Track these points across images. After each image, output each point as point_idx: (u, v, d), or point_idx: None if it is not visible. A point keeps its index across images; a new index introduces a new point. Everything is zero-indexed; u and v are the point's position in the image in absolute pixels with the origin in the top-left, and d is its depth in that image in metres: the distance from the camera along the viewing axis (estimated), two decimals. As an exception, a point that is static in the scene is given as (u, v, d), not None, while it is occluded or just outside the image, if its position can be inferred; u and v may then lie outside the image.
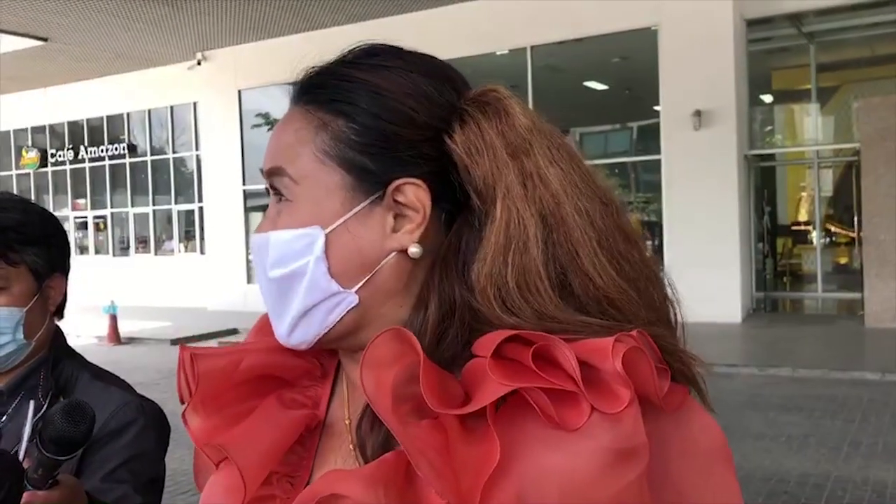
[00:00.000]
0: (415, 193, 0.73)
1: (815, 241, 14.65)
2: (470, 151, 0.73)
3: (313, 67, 0.79)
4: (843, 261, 14.83)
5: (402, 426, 0.62)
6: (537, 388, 0.61)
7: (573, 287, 0.69)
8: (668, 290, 0.75)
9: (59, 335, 1.55)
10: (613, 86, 14.92)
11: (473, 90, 0.78)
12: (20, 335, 1.43)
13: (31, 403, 1.19)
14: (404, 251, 0.73)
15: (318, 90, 0.76)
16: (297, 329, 0.76)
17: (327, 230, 0.73)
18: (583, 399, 0.61)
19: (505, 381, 0.61)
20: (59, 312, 1.54)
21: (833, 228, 15.13)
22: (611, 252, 0.71)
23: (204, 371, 0.78)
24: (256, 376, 0.81)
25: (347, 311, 0.74)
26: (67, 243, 1.56)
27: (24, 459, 0.99)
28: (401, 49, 0.79)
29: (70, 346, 1.56)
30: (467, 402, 0.63)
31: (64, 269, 1.53)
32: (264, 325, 0.85)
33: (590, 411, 0.60)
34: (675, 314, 0.75)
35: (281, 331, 0.77)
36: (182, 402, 0.79)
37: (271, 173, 0.77)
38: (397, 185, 0.73)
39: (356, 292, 0.74)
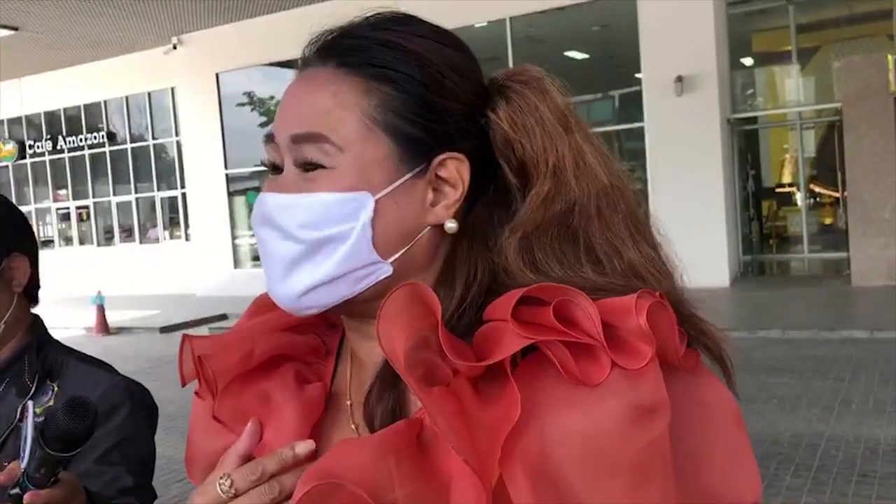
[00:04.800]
0: (457, 168, 0.74)
1: (799, 202, 14.70)
2: (517, 126, 0.74)
3: (334, 30, 0.76)
4: (827, 221, 14.90)
5: (418, 384, 0.62)
6: (557, 342, 0.60)
7: (601, 260, 0.71)
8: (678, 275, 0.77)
9: (38, 323, 1.53)
10: (595, 55, 14.83)
11: (508, 69, 0.78)
12: None
13: (30, 405, 1.21)
14: (440, 226, 0.74)
15: (353, 53, 0.73)
16: (312, 293, 0.73)
17: (377, 196, 0.71)
18: (603, 353, 0.60)
19: (525, 333, 0.60)
20: (33, 298, 1.52)
21: (817, 189, 15.18)
22: (635, 229, 0.73)
23: (219, 371, 0.77)
24: (268, 358, 0.81)
25: (378, 281, 0.73)
26: (24, 223, 1.51)
27: (28, 459, 1.00)
28: (424, 20, 0.78)
29: (51, 335, 1.54)
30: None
31: (23, 249, 1.48)
32: (258, 309, 0.85)
33: (610, 366, 0.60)
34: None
35: (288, 291, 0.74)
36: (184, 384, 0.80)
37: (303, 139, 0.72)
38: (442, 159, 0.73)
39: (391, 263, 0.73)
